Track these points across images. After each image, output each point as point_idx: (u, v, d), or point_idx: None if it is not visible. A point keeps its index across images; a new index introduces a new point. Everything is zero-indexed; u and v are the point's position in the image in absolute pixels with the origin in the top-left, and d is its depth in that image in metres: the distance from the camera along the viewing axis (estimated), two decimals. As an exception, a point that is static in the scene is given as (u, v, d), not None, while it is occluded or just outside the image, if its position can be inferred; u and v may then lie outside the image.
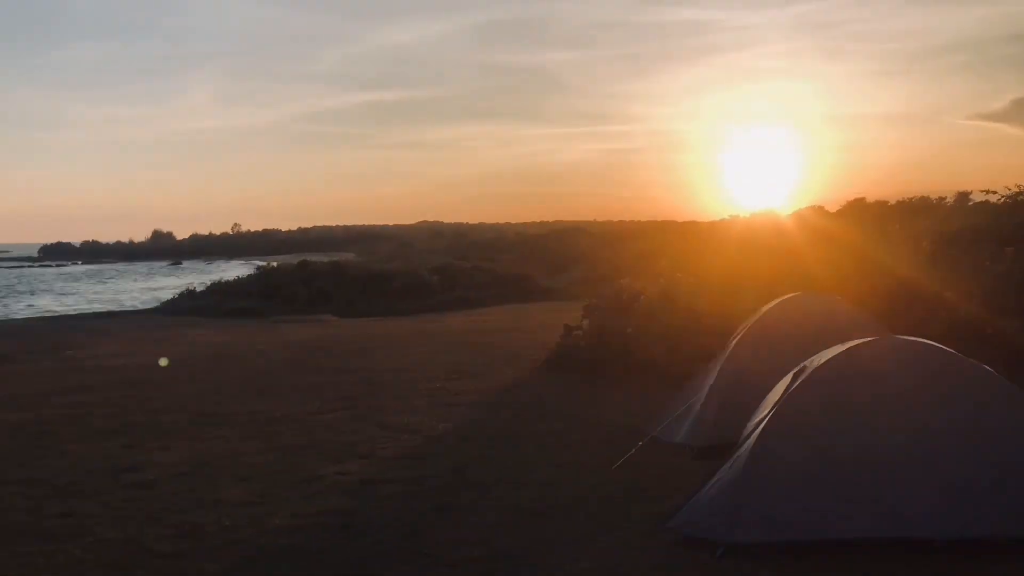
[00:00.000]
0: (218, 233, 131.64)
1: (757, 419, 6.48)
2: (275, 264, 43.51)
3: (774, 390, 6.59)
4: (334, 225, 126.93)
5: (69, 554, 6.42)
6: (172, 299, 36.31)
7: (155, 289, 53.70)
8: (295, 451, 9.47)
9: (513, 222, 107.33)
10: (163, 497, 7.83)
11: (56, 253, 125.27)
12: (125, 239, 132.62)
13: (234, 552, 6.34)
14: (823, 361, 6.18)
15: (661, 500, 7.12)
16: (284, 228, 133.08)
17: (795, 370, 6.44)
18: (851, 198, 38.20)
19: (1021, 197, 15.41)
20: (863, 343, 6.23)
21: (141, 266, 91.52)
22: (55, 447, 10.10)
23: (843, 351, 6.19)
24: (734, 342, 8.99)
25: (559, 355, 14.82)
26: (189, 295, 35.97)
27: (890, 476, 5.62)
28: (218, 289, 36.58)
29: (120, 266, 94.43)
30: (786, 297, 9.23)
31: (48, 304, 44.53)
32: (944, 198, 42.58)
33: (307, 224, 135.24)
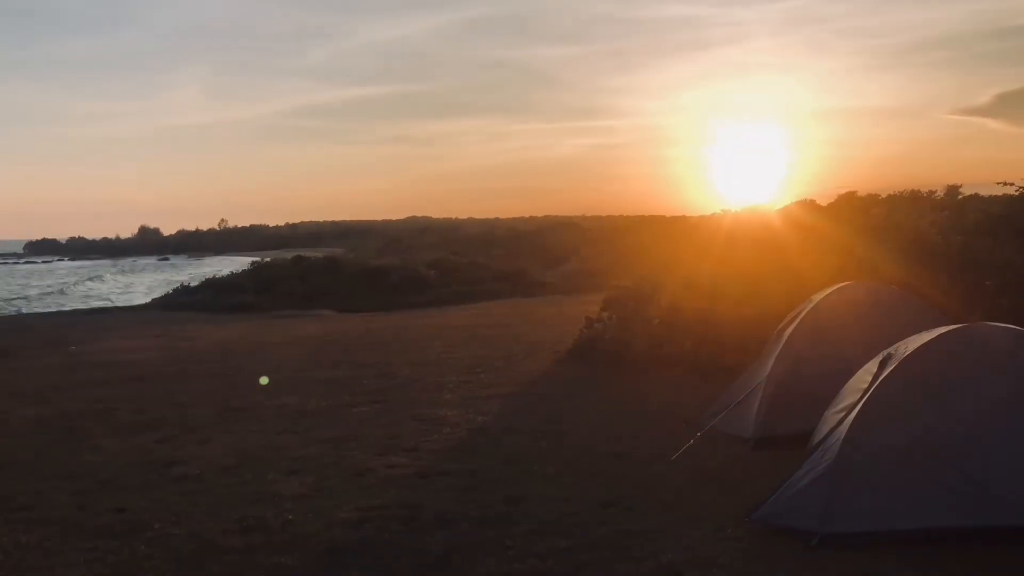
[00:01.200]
0: (205, 229, 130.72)
1: (839, 407, 6.37)
2: (268, 259, 43.10)
3: (855, 378, 6.48)
4: (322, 220, 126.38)
5: (134, 550, 6.20)
6: (166, 295, 35.88)
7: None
8: (336, 444, 9.27)
9: (503, 217, 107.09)
10: (216, 491, 7.61)
11: (42, 249, 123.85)
12: (112, 235, 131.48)
13: (307, 545, 6.15)
14: (914, 347, 6.06)
15: (733, 491, 7.00)
16: (271, 224, 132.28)
17: (880, 357, 6.33)
18: (842, 192, 38.26)
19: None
20: (954, 329, 6.13)
21: (127, 262, 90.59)
22: (86, 441, 9.84)
23: (935, 337, 6.09)
24: (788, 332, 8.87)
25: (582, 347, 14.68)
26: (184, 290, 35.55)
27: (989, 464, 5.52)
28: (212, 284, 36.19)
29: (108, 262, 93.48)
30: (839, 286, 9.11)
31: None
32: (934, 191, 42.78)
33: (294, 220, 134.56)
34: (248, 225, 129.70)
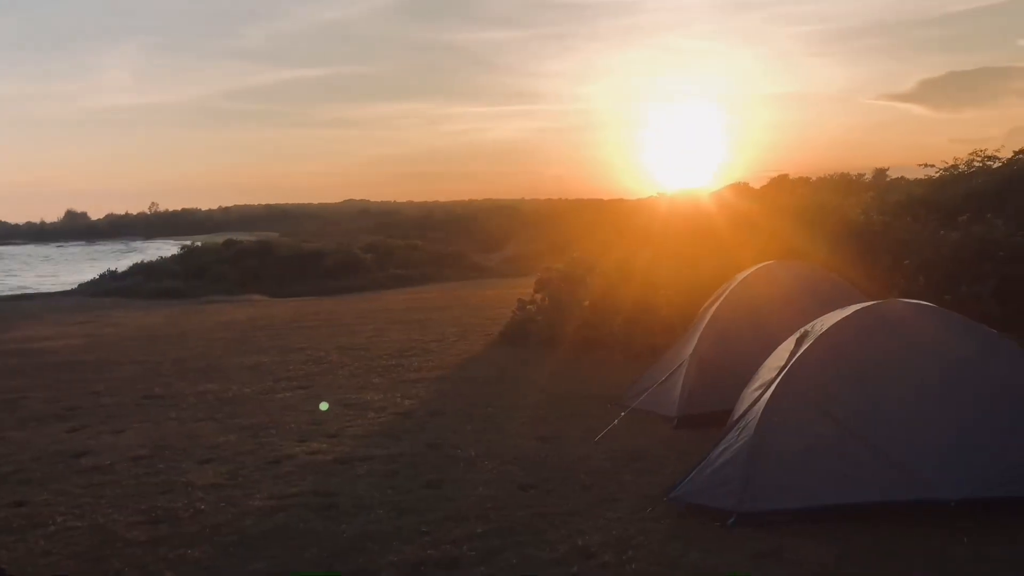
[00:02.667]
0: (135, 213, 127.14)
1: (756, 385, 6.37)
2: (199, 244, 42.10)
3: (773, 355, 6.50)
4: (256, 204, 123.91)
5: (32, 545, 5.90)
6: (93, 280, 34.79)
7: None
8: (256, 431, 9.01)
9: (442, 200, 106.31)
10: (125, 482, 7.31)
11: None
12: (36, 219, 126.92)
13: (216, 536, 5.93)
14: (829, 325, 6.09)
15: (653, 471, 7.00)
16: (204, 207, 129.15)
17: (797, 335, 6.35)
18: (773, 175, 38.94)
19: (960, 169, 15.84)
20: (868, 306, 6.18)
21: (53, 247, 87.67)
22: (-9, 433, 9.40)
23: (850, 314, 6.12)
24: (711, 312, 8.90)
25: (514, 329, 14.62)
26: (112, 276, 34.51)
27: (902, 438, 5.57)
28: (141, 270, 35.23)
29: (30, 248, 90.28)
30: (761, 265, 9.18)
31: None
32: (863, 174, 43.84)
33: (227, 203, 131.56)
34: (180, 209, 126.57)
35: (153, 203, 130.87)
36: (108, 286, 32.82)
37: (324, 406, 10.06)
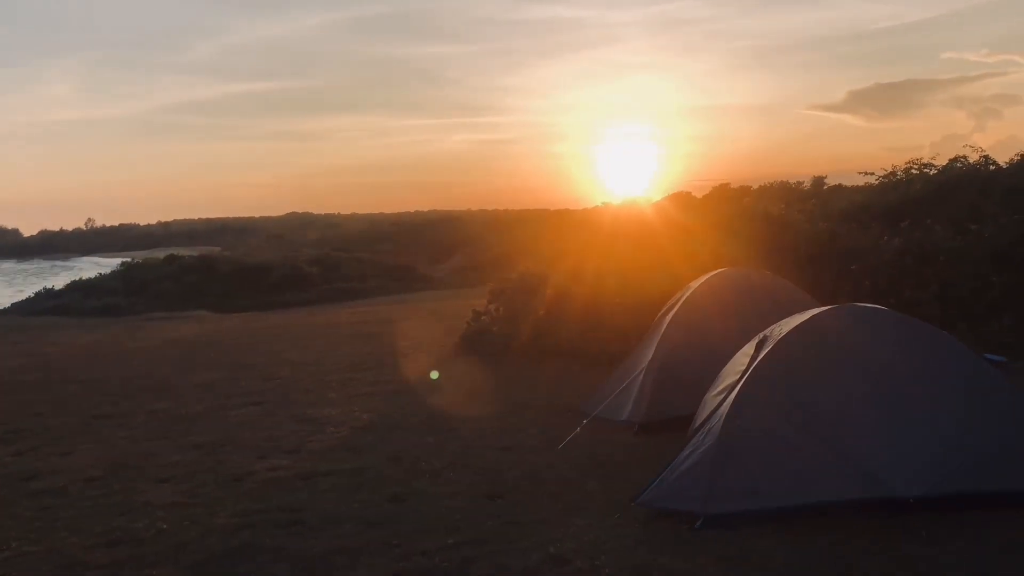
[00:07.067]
0: (70, 229, 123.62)
1: (718, 389, 6.49)
2: (139, 260, 41.20)
3: (734, 360, 6.63)
4: (196, 218, 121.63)
5: (-15, 572, 5.73)
6: (28, 299, 33.76)
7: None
8: (213, 448, 8.86)
9: (387, 212, 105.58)
10: (79, 504, 7.13)
11: None
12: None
13: (181, 555, 5.82)
14: (788, 329, 6.24)
15: (617, 478, 7.08)
16: (142, 222, 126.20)
17: (757, 340, 6.49)
18: (714, 184, 39.66)
19: (898, 176, 16.37)
20: (825, 310, 6.35)
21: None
22: (-68, 459, 9.06)
23: (808, 318, 6.28)
24: (668, 319, 9.03)
25: (469, 340, 14.63)
26: (48, 294, 33.53)
27: (862, 438, 5.73)
28: (79, 287, 34.33)
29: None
30: (714, 272, 9.35)
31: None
32: (802, 182, 44.87)
33: (167, 218, 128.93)
34: (117, 224, 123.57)
35: (89, 218, 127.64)
36: (44, 304, 31.89)
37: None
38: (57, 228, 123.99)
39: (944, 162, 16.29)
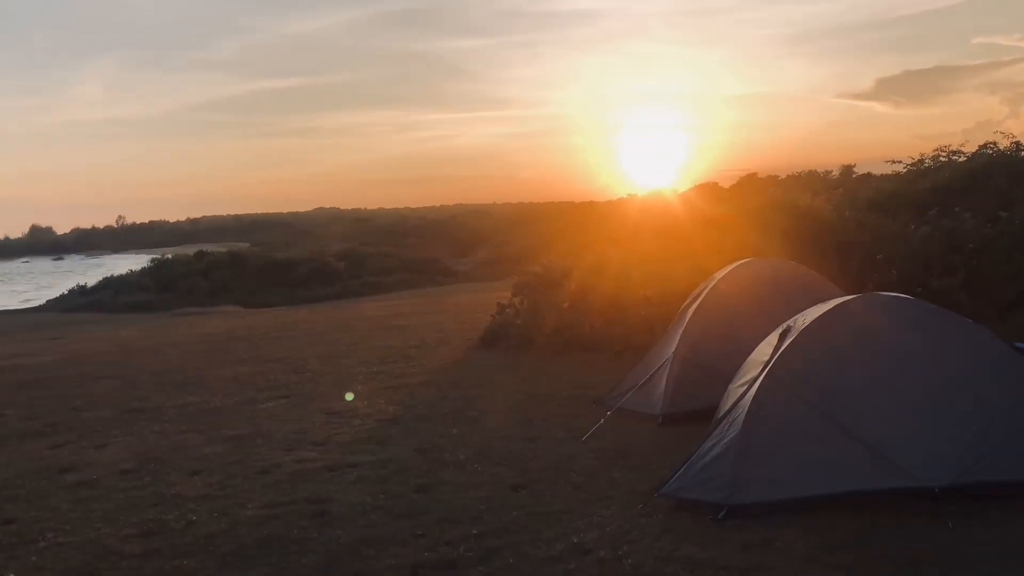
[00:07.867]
0: (102, 226, 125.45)
1: (742, 380, 6.49)
2: (170, 256, 41.70)
3: (757, 351, 6.62)
4: (225, 215, 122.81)
5: (23, 562, 5.87)
6: (62, 296, 34.33)
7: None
8: (242, 441, 9.00)
9: (414, 207, 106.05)
10: (113, 496, 7.27)
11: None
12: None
13: (211, 546, 5.93)
14: (812, 319, 6.23)
15: (641, 469, 7.10)
16: (172, 219, 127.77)
17: (780, 330, 6.48)
18: (742, 174, 39.38)
19: (926, 164, 16.17)
20: (849, 300, 6.32)
21: (18, 263, 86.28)
22: (-30, 452, 9.29)
23: (832, 308, 6.26)
24: (692, 310, 9.02)
25: (493, 333, 14.67)
26: (81, 291, 34.08)
27: (887, 428, 5.71)
28: (111, 284, 34.82)
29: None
30: (739, 263, 9.32)
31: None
32: (830, 171, 44.43)
33: (195, 215, 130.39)
34: (147, 222, 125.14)
35: (120, 216, 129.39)
36: (78, 301, 32.44)
37: (349, 396, 10.24)
38: (89, 226, 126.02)
39: (974, 149, 16.07)
